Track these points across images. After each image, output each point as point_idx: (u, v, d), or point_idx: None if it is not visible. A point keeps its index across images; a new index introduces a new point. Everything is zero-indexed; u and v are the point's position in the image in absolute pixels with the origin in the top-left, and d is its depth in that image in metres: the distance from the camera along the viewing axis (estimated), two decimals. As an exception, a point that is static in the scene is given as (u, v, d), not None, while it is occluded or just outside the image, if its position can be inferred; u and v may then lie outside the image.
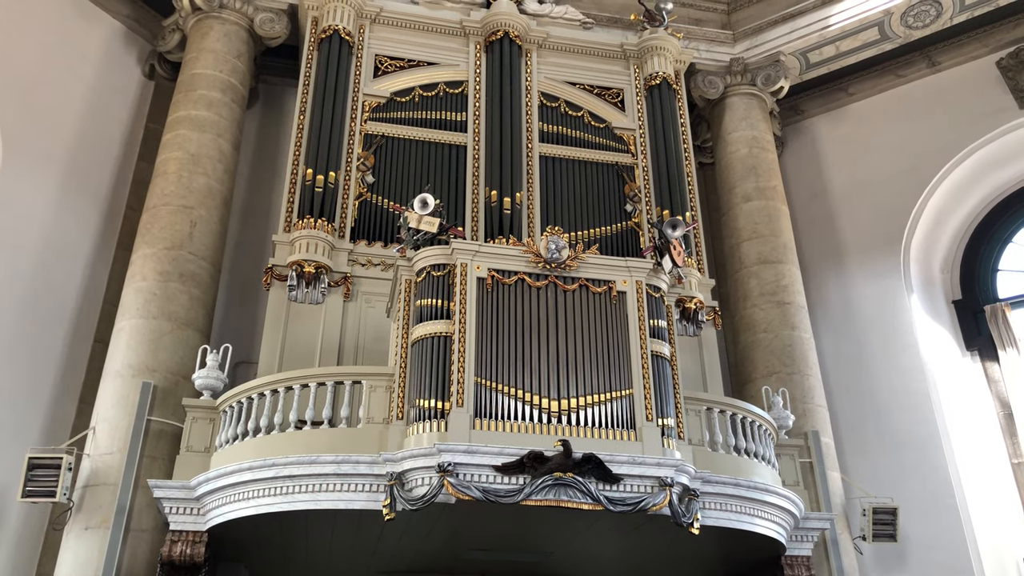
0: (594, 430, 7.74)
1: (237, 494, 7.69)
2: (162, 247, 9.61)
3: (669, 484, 7.63)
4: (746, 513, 8.26)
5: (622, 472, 7.59)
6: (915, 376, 11.40)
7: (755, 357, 11.03)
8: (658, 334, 8.42)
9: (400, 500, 7.35)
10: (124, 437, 8.48)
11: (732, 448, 8.56)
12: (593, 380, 7.95)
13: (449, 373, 7.73)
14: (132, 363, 8.91)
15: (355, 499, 7.50)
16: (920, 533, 10.48)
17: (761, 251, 11.64)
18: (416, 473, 7.42)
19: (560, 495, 7.43)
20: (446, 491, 7.24)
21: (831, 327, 12.17)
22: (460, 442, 7.38)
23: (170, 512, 8.01)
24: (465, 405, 7.59)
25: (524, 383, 7.79)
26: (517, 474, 7.42)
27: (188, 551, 7.88)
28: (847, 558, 9.70)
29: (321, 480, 7.50)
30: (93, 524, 8.15)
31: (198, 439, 8.40)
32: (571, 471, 7.45)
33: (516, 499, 7.32)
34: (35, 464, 8.07)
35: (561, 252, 8.32)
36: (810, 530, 9.16)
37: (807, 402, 10.50)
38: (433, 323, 7.97)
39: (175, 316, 9.28)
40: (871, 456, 11.11)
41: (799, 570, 8.96)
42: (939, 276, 12.44)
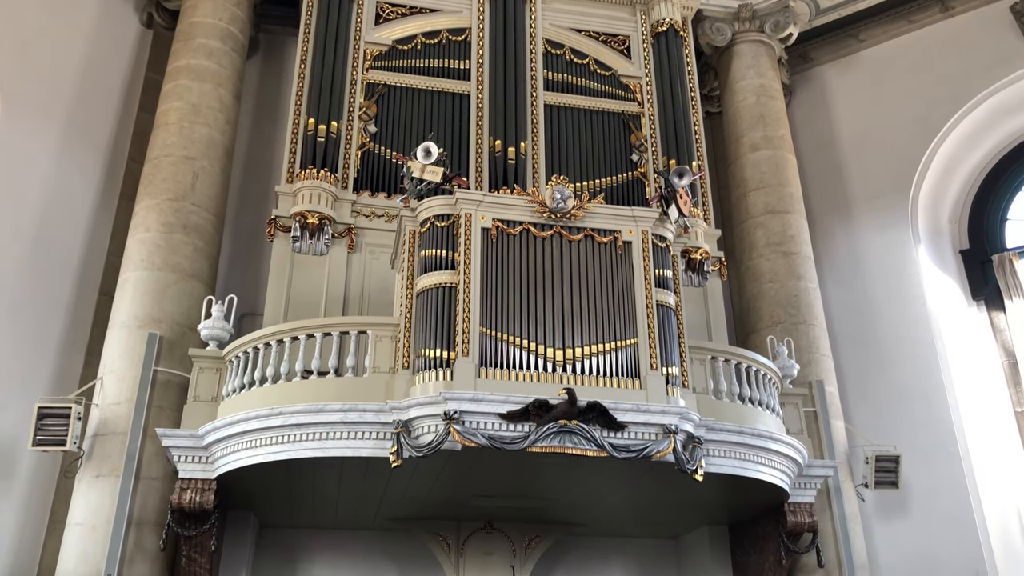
0: (599, 379, 7.77)
1: (245, 442, 7.77)
2: (165, 198, 9.56)
3: (673, 431, 7.68)
4: (750, 460, 8.32)
5: (626, 420, 7.63)
6: (920, 326, 11.39)
7: (760, 307, 11.01)
8: (663, 284, 8.40)
9: (407, 447, 7.42)
10: (131, 387, 8.54)
11: (736, 397, 8.59)
12: (598, 329, 7.95)
13: (454, 323, 7.74)
14: (138, 314, 8.93)
15: (362, 447, 7.56)
16: (922, 481, 10.57)
17: (768, 201, 11.55)
18: (422, 421, 7.47)
19: (565, 442, 7.49)
20: (452, 438, 7.30)
21: (837, 277, 12.14)
22: (466, 390, 7.41)
23: (179, 461, 8.10)
24: (470, 354, 7.61)
25: (529, 333, 7.81)
26: (522, 422, 7.47)
27: (197, 499, 7.98)
28: (849, 505, 9.80)
29: (328, 428, 7.56)
30: (104, 472, 8.26)
31: (205, 389, 8.45)
32: (576, 419, 7.50)
33: (521, 446, 7.38)
34: (44, 414, 8.15)
35: (566, 202, 8.26)
36: (813, 477, 9.23)
37: (812, 352, 10.50)
38: (438, 274, 7.95)
39: (180, 267, 9.27)
40: (875, 405, 11.16)
41: (802, 516, 9.05)
42: (947, 226, 12.36)
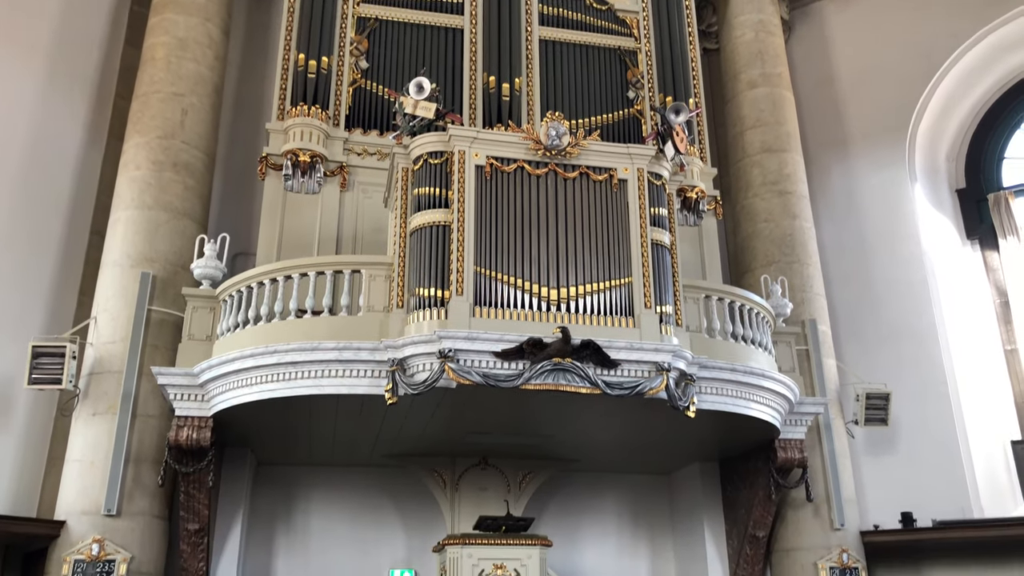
0: (593, 317, 7.79)
1: (240, 380, 7.80)
2: (154, 136, 9.42)
3: (666, 369, 7.74)
4: (741, 398, 8.40)
5: (620, 358, 7.68)
6: (914, 265, 11.41)
7: (755, 247, 11.00)
8: (658, 222, 8.36)
9: (402, 385, 7.46)
10: (126, 326, 8.54)
11: (729, 335, 8.63)
12: (592, 268, 7.95)
13: (448, 262, 7.72)
14: (130, 253, 8.88)
15: (357, 384, 7.61)
16: (911, 418, 10.72)
17: (765, 139, 11.44)
18: (417, 359, 7.51)
19: (559, 380, 7.55)
20: (447, 376, 7.34)
21: (832, 217, 12.11)
22: (460, 329, 7.43)
23: (175, 399, 8.15)
24: (465, 293, 7.61)
25: (523, 272, 7.80)
26: (517, 360, 7.50)
27: (194, 436, 8.05)
28: (839, 441, 9.95)
29: (323, 366, 7.59)
30: (100, 410, 8.31)
31: (199, 328, 8.45)
32: (570, 357, 7.54)
33: (516, 383, 7.44)
34: (39, 352, 8.16)
35: (562, 139, 8.16)
36: (804, 414, 9.35)
37: (806, 291, 10.54)
38: (431, 212, 7.90)
39: (171, 206, 9.19)
40: (867, 344, 11.25)
41: (792, 452, 9.19)
42: (944, 165, 12.28)
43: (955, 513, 10.07)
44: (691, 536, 10.50)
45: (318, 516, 10.16)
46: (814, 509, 9.58)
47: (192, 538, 8.40)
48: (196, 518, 8.31)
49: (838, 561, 9.40)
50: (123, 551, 7.91)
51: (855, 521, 9.78)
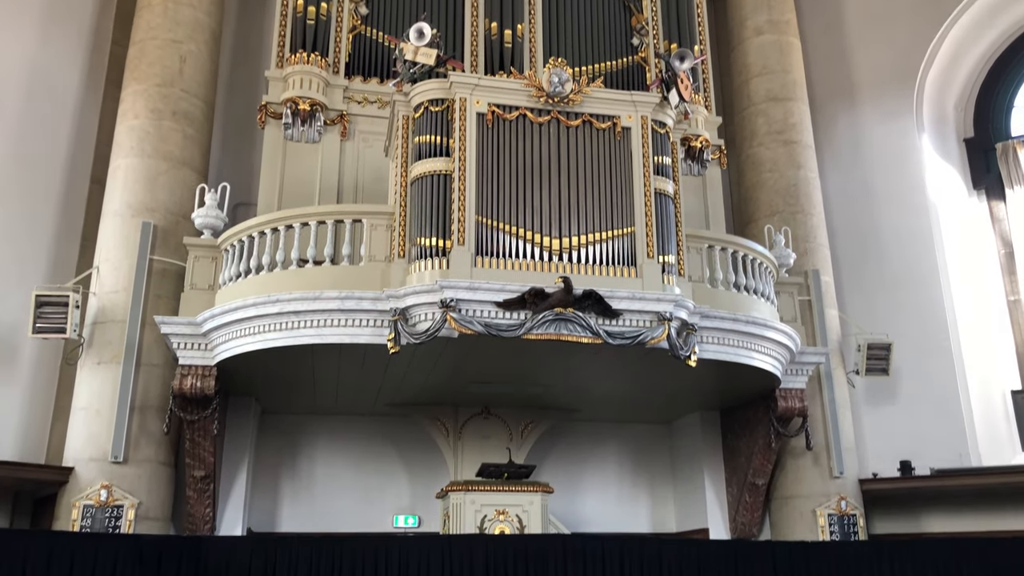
0: (595, 267, 7.78)
1: (243, 329, 7.83)
2: (152, 84, 9.31)
3: (668, 319, 7.74)
4: (743, 347, 8.43)
5: (622, 307, 7.68)
6: (919, 215, 11.33)
7: (759, 197, 10.92)
8: (662, 171, 8.29)
9: (404, 334, 7.48)
10: (128, 276, 8.55)
11: (732, 285, 8.62)
12: (595, 218, 7.91)
13: (449, 211, 7.68)
14: (131, 203, 8.85)
15: (359, 334, 7.63)
16: (912, 368, 10.74)
17: (771, 88, 11.26)
18: (419, 309, 7.52)
19: (560, 329, 7.56)
20: (449, 326, 7.36)
21: (838, 166, 11.98)
22: (462, 279, 7.43)
23: (178, 348, 8.19)
24: (466, 243, 7.59)
25: (525, 221, 7.77)
26: (518, 309, 7.51)
27: (198, 384, 8.11)
28: (839, 391, 10.00)
29: (325, 316, 7.60)
30: (105, 359, 8.36)
31: (201, 277, 8.46)
32: (571, 306, 7.54)
33: (517, 333, 7.45)
34: (43, 302, 8.18)
35: (564, 85, 8.05)
36: (805, 364, 9.38)
37: (809, 241, 10.48)
38: (432, 160, 7.83)
39: (170, 155, 9.12)
40: (869, 295, 11.22)
41: (792, 402, 9.25)
42: (952, 113, 12.10)
43: (953, 462, 10.16)
44: (691, 484, 10.63)
45: (323, 464, 10.28)
46: (814, 457, 9.67)
47: (198, 485, 8.51)
48: (201, 465, 8.41)
49: (836, 508, 9.51)
50: (131, 497, 8.03)
51: (854, 469, 9.87)
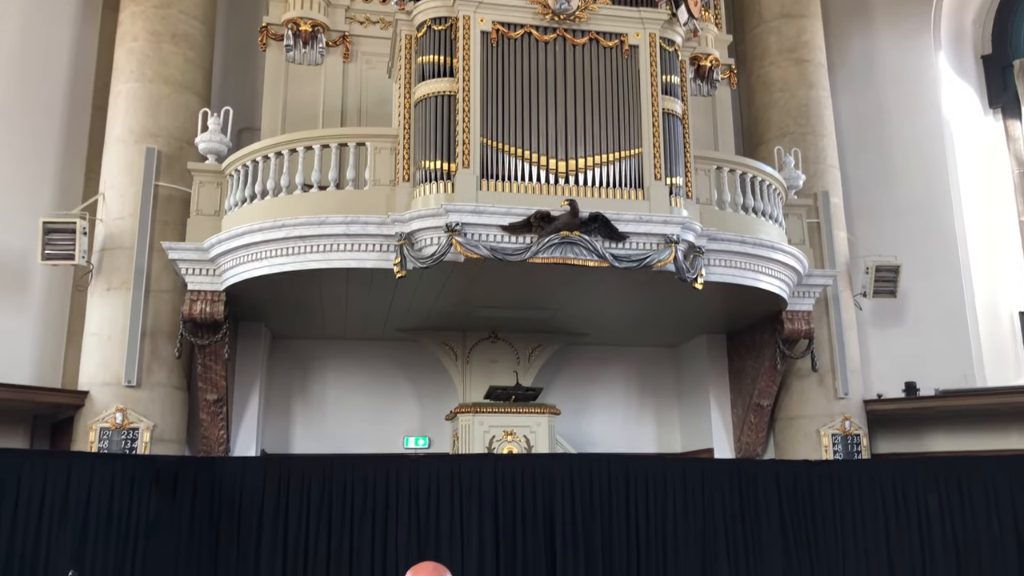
0: (601, 190, 7.72)
1: (250, 255, 7.85)
2: (150, 5, 9.10)
3: (675, 241, 7.71)
4: (750, 270, 8.40)
5: (628, 230, 7.65)
6: (933, 135, 11.14)
7: (769, 117, 10.72)
8: (670, 91, 8.14)
9: (410, 259, 7.49)
10: (134, 202, 8.54)
11: (740, 207, 8.55)
12: (601, 139, 7.81)
13: (454, 134, 7.59)
14: (133, 128, 8.77)
15: (366, 258, 7.64)
16: (920, 290, 10.72)
17: (783, 4, 10.93)
18: (425, 233, 7.50)
19: (566, 253, 7.55)
20: (455, 250, 7.35)
21: (851, 85, 11.71)
22: (467, 203, 7.39)
23: (187, 273, 8.23)
24: (471, 166, 7.52)
25: (531, 143, 7.67)
26: (524, 233, 7.49)
27: (208, 310, 8.17)
28: (846, 313, 10.01)
29: (331, 240, 7.60)
30: (114, 285, 8.42)
31: (207, 203, 8.44)
32: (577, 230, 7.51)
33: (523, 257, 7.45)
34: (50, 229, 8.21)
35: (570, 2, 7.85)
36: (812, 286, 9.36)
37: (819, 163, 10.34)
38: (436, 81, 7.70)
39: (172, 79, 8.99)
40: (879, 217, 11.12)
41: (799, 324, 9.27)
42: (970, 29, 11.76)
43: (959, 383, 10.22)
44: (697, 406, 10.76)
45: (334, 388, 10.44)
46: (819, 379, 9.74)
47: (211, 408, 8.67)
48: (214, 389, 8.55)
49: (840, 428, 9.63)
50: (145, 419, 8.19)
51: (859, 390, 9.95)
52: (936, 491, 7.59)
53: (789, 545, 7.95)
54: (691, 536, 7.78)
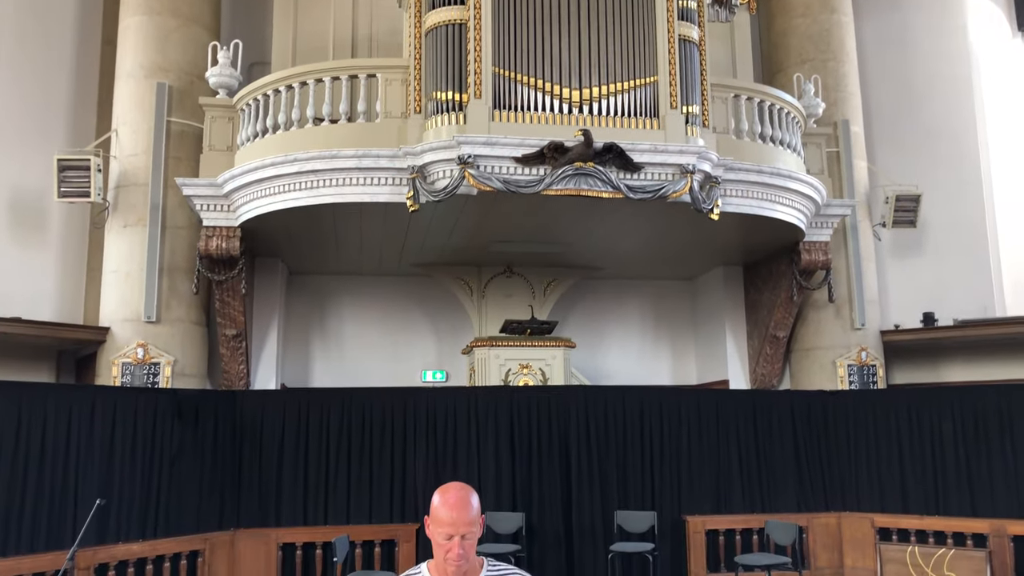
0: (616, 119, 7.60)
1: (263, 190, 7.84)
2: (151, -67, 8.94)
3: (690, 171, 7.61)
4: (767, 200, 8.30)
5: (643, 160, 7.56)
6: (959, 60, 10.84)
7: (789, 44, 10.45)
8: (687, 16, 7.94)
9: (423, 192, 7.46)
10: (147, 138, 8.52)
11: (757, 136, 8.40)
12: (616, 67, 7.65)
13: (465, 63, 7.47)
14: (143, 63, 8.70)
15: (379, 192, 7.62)
16: (941, 219, 10.58)
17: (805, -76, 10.55)
18: (437, 166, 7.45)
19: (580, 184, 7.48)
20: (467, 183, 7.30)
21: (873, 9, 11.37)
22: (479, 134, 7.30)
23: (202, 209, 8.25)
24: (483, 96, 7.41)
25: (544, 72, 7.54)
26: (537, 165, 7.42)
27: (224, 245, 8.21)
28: (864, 243, 9.90)
29: (344, 174, 7.57)
30: (131, 222, 8.47)
31: (219, 138, 8.41)
32: (592, 160, 7.43)
33: (537, 189, 7.39)
34: (65, 166, 8.22)
35: (583, -75, 7.61)
36: (830, 217, 9.25)
37: (840, 90, 10.10)
38: (446, 9, 7.54)
39: (180, 12, 8.87)
40: (901, 146, 10.91)
41: (816, 254, 9.18)
42: (1000, -52, 11.35)
43: (977, 313, 10.16)
44: (712, 338, 10.77)
45: (351, 323, 10.54)
46: (835, 310, 9.70)
47: (230, 343, 8.78)
48: (232, 324, 8.64)
49: (857, 359, 9.62)
50: (166, 354, 8.32)
51: (876, 321, 9.91)
52: (951, 419, 7.60)
53: (803, 473, 8.05)
54: (705, 464, 7.89)
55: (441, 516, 2.23)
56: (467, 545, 2.24)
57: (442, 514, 2.23)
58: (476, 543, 2.28)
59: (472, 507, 2.26)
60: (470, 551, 2.24)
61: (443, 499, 2.26)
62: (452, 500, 2.25)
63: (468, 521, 2.23)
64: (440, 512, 2.24)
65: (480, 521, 2.28)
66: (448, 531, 2.22)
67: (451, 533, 2.22)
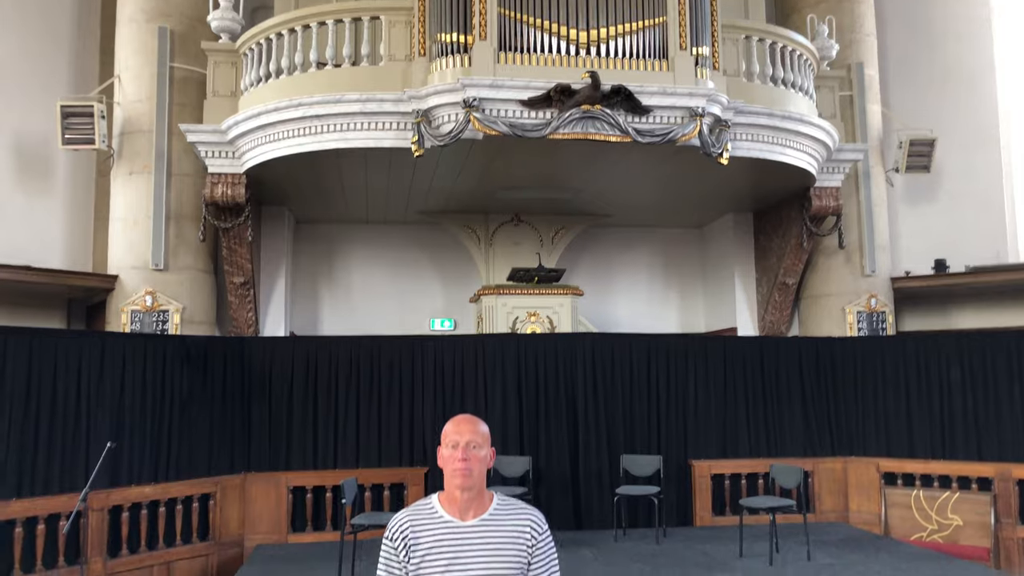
0: (624, 61, 7.46)
1: (267, 136, 7.78)
2: None
3: (700, 114, 7.49)
4: (778, 144, 8.18)
5: (652, 103, 7.44)
6: (978, 1, 10.55)
7: (804, -17, 10.19)
8: (697, -46, 7.73)
9: (428, 137, 7.38)
10: (150, 84, 8.45)
11: (769, 78, 8.24)
12: (624, 8, 7.50)
13: (470, 4, 7.32)
14: (144, 7, 8.57)
15: (383, 137, 7.54)
16: (956, 165, 10.42)
17: None
18: (442, 110, 7.35)
19: (588, 128, 7.38)
20: (472, 127, 7.21)
21: (892, -52, 11.06)
22: (484, 76, 7.19)
23: (207, 156, 8.20)
24: (488, 38, 7.28)
25: (550, 13, 7.39)
26: (544, 108, 7.31)
27: (229, 192, 8.18)
28: (876, 189, 9.77)
29: (348, 119, 7.49)
30: (136, 169, 8.44)
31: (223, 83, 8.33)
32: (599, 103, 7.31)
33: (543, 133, 7.29)
34: (68, 112, 8.17)
35: None
36: (842, 162, 9.11)
37: (855, 31, 9.87)
38: (451, -52, 7.38)
39: (176, -48, 8.72)
40: (917, 89, 10.69)
41: (827, 200, 9.07)
42: None
43: (990, 260, 10.05)
44: (721, 286, 10.73)
45: (359, 271, 10.54)
46: (846, 256, 9.62)
47: (238, 291, 8.80)
48: (240, 272, 8.65)
49: (866, 306, 9.56)
50: (175, 302, 8.35)
51: (886, 268, 9.83)
52: (959, 365, 7.57)
53: (809, 419, 8.07)
54: (711, 411, 7.91)
55: (448, 430, 2.31)
56: (473, 457, 2.26)
57: (449, 428, 2.31)
58: (484, 466, 2.29)
59: (479, 424, 2.33)
60: (475, 465, 2.26)
61: (451, 420, 2.34)
62: (459, 418, 2.34)
63: (473, 431, 2.29)
64: (448, 427, 2.32)
65: (488, 443, 2.32)
66: (454, 439, 2.28)
67: (456, 441, 2.27)
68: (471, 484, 2.26)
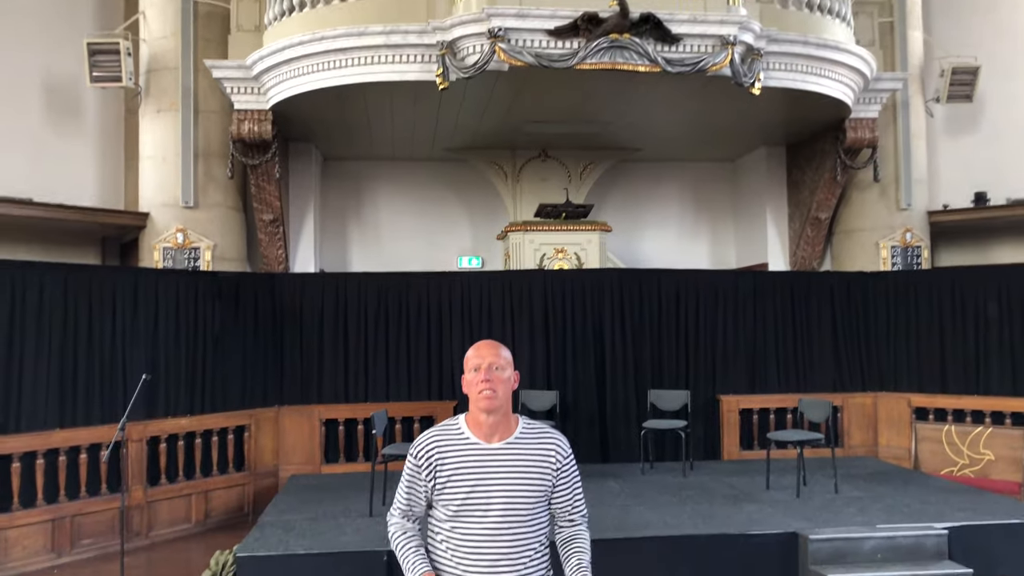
0: (653, -13, 7.24)
1: (292, 71, 7.71)
2: None
3: (731, 42, 7.28)
4: (812, 73, 7.94)
5: (682, 32, 7.23)
6: (1029, -81, 10.04)
7: (844, -96, 9.75)
8: None
9: (453, 69, 7.27)
10: (175, 20, 8.41)
11: (803, 4, 7.97)
12: (654, -70, 7.24)
13: (496, -70, 7.11)
14: (164, -60, 8.48)
15: (408, 70, 7.45)
16: (999, 94, 10.05)
17: None
18: (467, 41, 7.22)
19: (616, 57, 7.21)
20: (498, 58, 7.08)
21: None
22: (510, 5, 7.04)
23: (233, 92, 8.17)
24: (514, -37, 7.09)
25: (578, -62, 7.17)
26: (571, 37, 7.15)
27: (256, 129, 8.17)
28: (915, 120, 9.49)
29: (372, 52, 7.40)
30: (164, 107, 8.45)
31: (247, 18, 8.26)
32: (628, 32, 7.14)
33: (570, 63, 7.15)
34: (95, 50, 8.17)
35: None
36: (880, 91, 8.83)
37: (897, -47, 9.48)
38: None
39: None
40: (960, 15, 10.27)
41: (863, 132, 8.83)
42: None
43: (1033, 193, 9.77)
44: (752, 221, 10.57)
45: (386, 209, 10.54)
46: (880, 190, 9.41)
47: (268, 228, 8.86)
48: (269, 209, 8.70)
49: (901, 240, 9.39)
50: (206, 239, 8.44)
51: (923, 201, 9.60)
52: (996, 299, 7.41)
53: (840, 355, 8.00)
54: (740, 346, 7.87)
55: (469, 355, 2.33)
56: (496, 379, 2.28)
57: (471, 353, 2.33)
58: (509, 388, 2.30)
59: (500, 348, 2.35)
60: (499, 386, 2.28)
61: (472, 346, 2.36)
62: (480, 343, 2.36)
63: (495, 354, 2.31)
64: (469, 353, 2.34)
65: (511, 366, 2.34)
66: (476, 363, 2.30)
67: (479, 364, 2.29)
68: (496, 406, 2.27)
